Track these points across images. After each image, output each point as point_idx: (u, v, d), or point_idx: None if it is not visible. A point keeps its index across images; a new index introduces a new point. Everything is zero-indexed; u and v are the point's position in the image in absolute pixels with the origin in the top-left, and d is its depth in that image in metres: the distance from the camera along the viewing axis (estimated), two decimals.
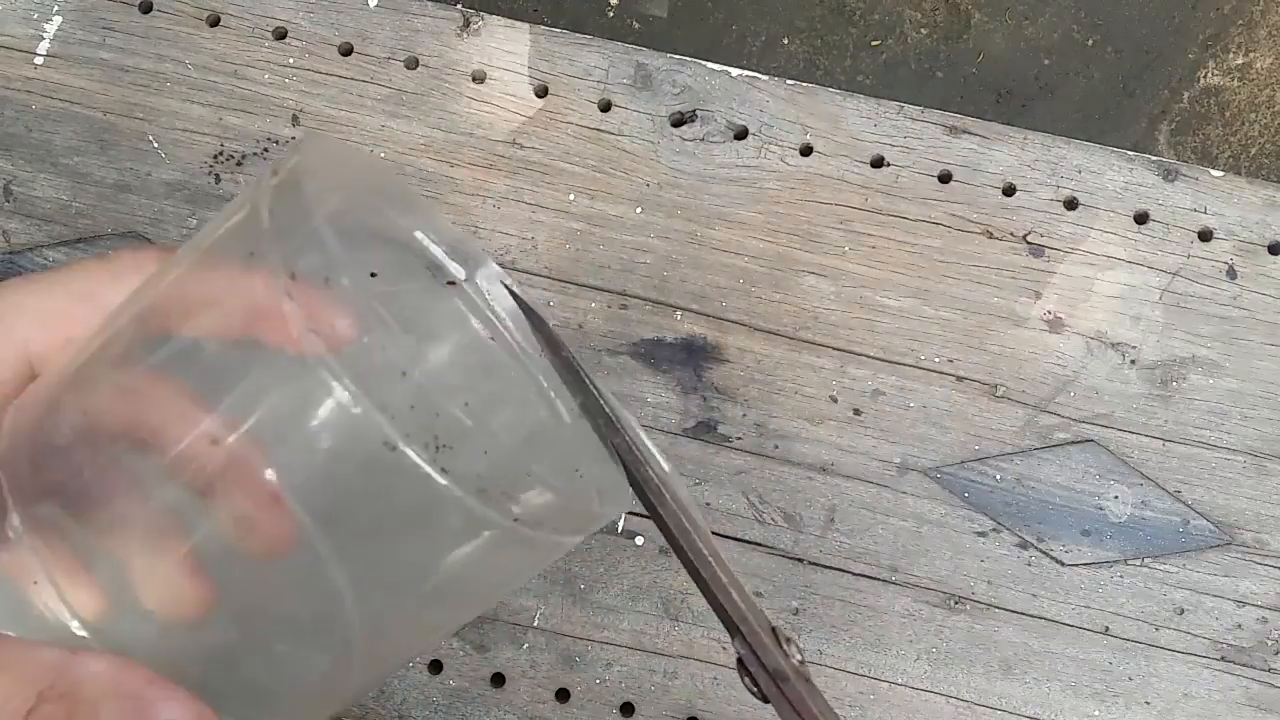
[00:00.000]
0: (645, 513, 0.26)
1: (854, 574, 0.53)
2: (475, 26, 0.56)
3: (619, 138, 0.55)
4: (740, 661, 0.27)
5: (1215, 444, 0.53)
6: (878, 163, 0.55)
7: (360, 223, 0.26)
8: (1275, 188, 0.55)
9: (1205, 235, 0.55)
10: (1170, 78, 1.16)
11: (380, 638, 0.25)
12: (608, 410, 0.27)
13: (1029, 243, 0.55)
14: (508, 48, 0.56)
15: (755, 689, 0.27)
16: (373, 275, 0.24)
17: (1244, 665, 0.52)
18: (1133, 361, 0.54)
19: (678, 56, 0.56)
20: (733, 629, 0.27)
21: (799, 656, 0.27)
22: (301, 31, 0.56)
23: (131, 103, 0.56)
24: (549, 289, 0.54)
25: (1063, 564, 0.52)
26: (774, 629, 0.27)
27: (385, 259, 0.26)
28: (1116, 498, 0.53)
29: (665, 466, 0.27)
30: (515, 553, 0.24)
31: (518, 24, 0.56)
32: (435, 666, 0.52)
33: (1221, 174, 0.55)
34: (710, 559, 0.26)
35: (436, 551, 0.24)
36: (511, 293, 0.27)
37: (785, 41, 1.18)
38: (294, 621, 0.24)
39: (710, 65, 0.56)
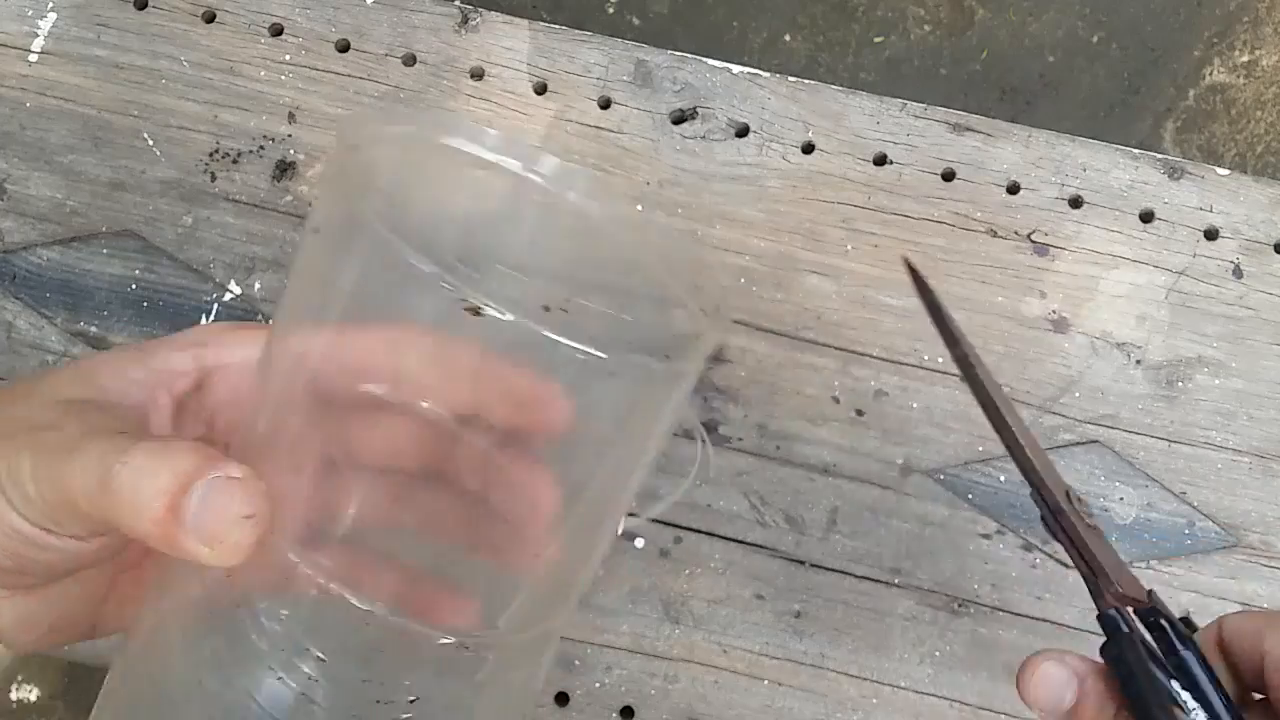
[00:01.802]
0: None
1: (857, 576, 0.52)
2: (474, 23, 0.56)
3: (619, 135, 0.55)
4: (1042, 518, 0.36)
5: (1221, 445, 0.53)
6: (880, 160, 0.55)
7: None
8: None
9: (1211, 234, 0.54)
10: (1176, 75, 1.15)
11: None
12: (945, 313, 0.37)
13: (1033, 241, 0.54)
14: (506, 44, 0.56)
15: (1059, 536, 0.36)
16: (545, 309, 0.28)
17: None
18: (1138, 361, 0.53)
19: (678, 53, 0.56)
20: (1040, 485, 0.35)
21: (1089, 514, 0.36)
22: (298, 28, 0.56)
23: (126, 100, 0.55)
24: None
25: (1068, 566, 0.52)
26: (1067, 490, 0.36)
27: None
28: (1122, 499, 0.52)
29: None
30: (645, 393, 0.27)
31: (517, 20, 0.56)
32: None
33: (1227, 172, 0.55)
34: (1017, 430, 0.35)
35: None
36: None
37: (787, 38, 1.17)
38: None
39: (711, 62, 0.56)
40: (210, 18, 0.56)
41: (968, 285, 0.54)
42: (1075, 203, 0.54)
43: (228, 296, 0.54)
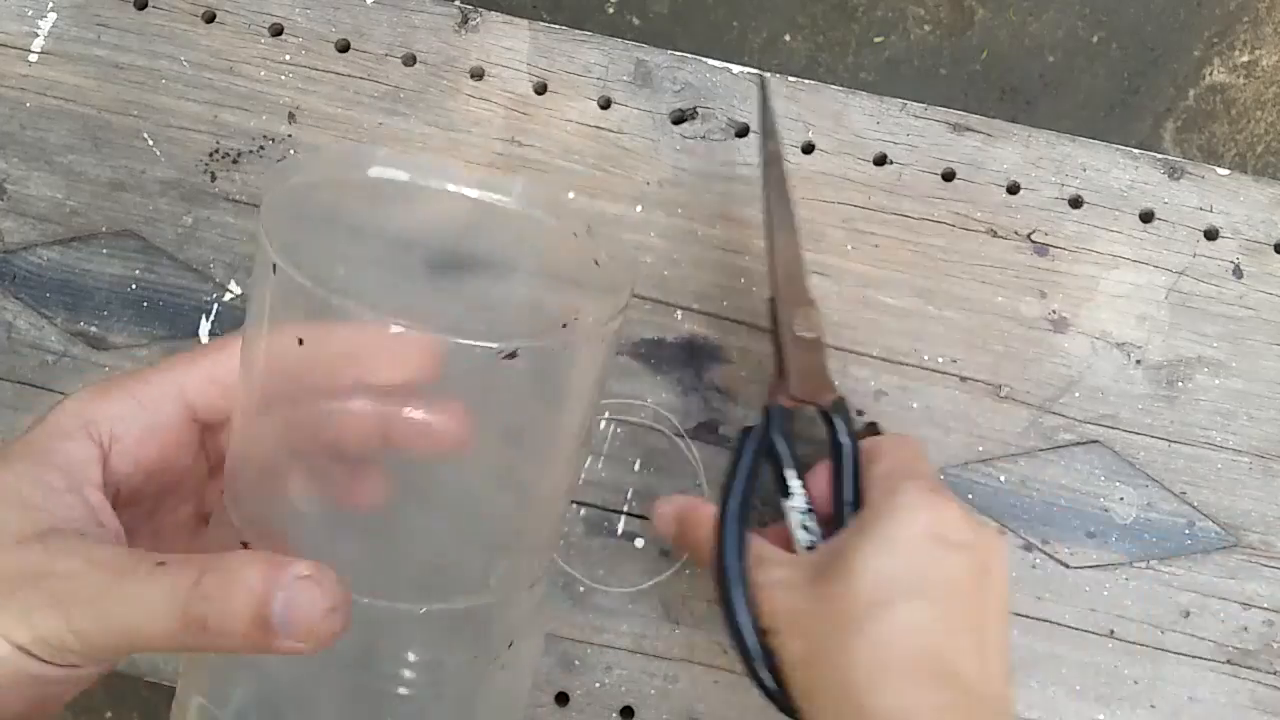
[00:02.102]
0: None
1: None
2: (473, 23, 0.56)
3: (619, 135, 0.55)
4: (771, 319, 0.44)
5: (1221, 445, 0.53)
6: (880, 160, 0.55)
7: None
8: None
9: (1211, 234, 0.54)
10: (1176, 75, 1.15)
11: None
12: (770, 113, 0.48)
13: (1033, 241, 0.54)
14: (506, 44, 0.56)
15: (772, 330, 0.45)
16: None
17: (1250, 668, 0.51)
18: (1138, 361, 0.53)
19: (678, 53, 0.56)
20: (775, 292, 0.45)
21: (813, 328, 0.44)
22: (298, 28, 0.56)
23: (126, 100, 0.55)
24: None
25: (1068, 566, 0.52)
26: (810, 301, 0.45)
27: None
28: (1122, 499, 0.52)
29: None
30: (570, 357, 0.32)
31: (516, 20, 0.56)
32: None
33: (1227, 172, 0.55)
34: (782, 231, 0.45)
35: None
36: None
37: (787, 38, 1.17)
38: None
39: (711, 62, 0.56)
40: (210, 18, 0.56)
41: (968, 285, 0.54)
42: (1075, 203, 0.54)
43: (228, 296, 0.54)
